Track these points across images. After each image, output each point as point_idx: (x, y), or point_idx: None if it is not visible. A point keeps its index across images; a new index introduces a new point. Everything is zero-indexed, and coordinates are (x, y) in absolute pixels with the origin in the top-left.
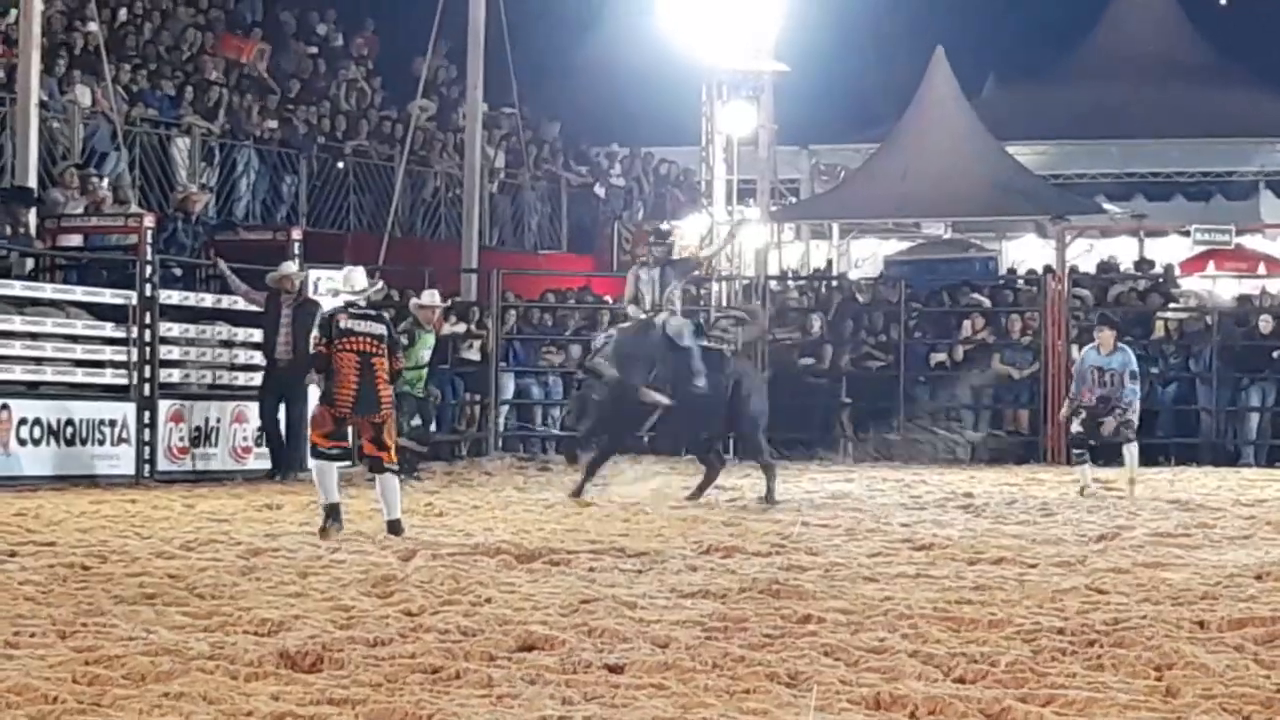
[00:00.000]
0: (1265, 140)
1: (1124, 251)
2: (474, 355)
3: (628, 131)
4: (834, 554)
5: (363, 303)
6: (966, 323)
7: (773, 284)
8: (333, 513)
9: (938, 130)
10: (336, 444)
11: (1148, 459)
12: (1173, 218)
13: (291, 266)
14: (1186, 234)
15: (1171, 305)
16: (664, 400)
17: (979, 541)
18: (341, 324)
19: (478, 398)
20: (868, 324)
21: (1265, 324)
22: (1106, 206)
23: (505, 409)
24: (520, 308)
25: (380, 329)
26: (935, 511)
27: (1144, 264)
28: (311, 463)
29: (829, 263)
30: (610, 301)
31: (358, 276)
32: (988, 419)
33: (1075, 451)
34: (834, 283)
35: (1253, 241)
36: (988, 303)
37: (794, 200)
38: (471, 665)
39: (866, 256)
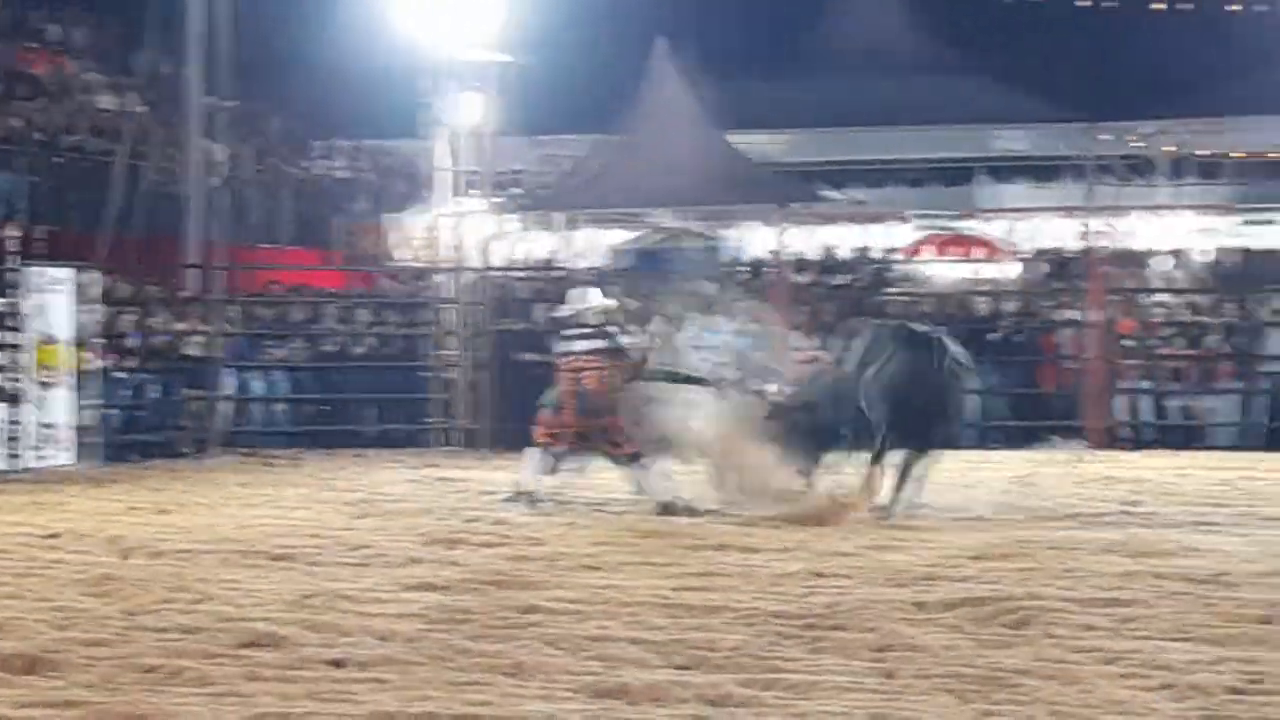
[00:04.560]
0: (981, 127)
1: (845, 238)
2: (196, 351)
3: (351, 124)
4: (557, 544)
5: (590, 320)
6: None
7: (496, 275)
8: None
9: (662, 121)
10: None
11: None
12: (892, 204)
13: None
14: (905, 220)
15: (889, 290)
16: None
17: (701, 528)
18: (559, 346)
19: (199, 394)
20: None
21: (983, 307)
22: (827, 194)
23: (227, 405)
24: (243, 302)
25: (599, 344)
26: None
27: (864, 250)
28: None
29: (550, 256)
30: (333, 294)
31: (592, 295)
32: None
33: None
34: (560, 274)
35: (970, 226)
36: (713, 290)
37: (519, 191)
38: (190, 663)
39: (592, 247)
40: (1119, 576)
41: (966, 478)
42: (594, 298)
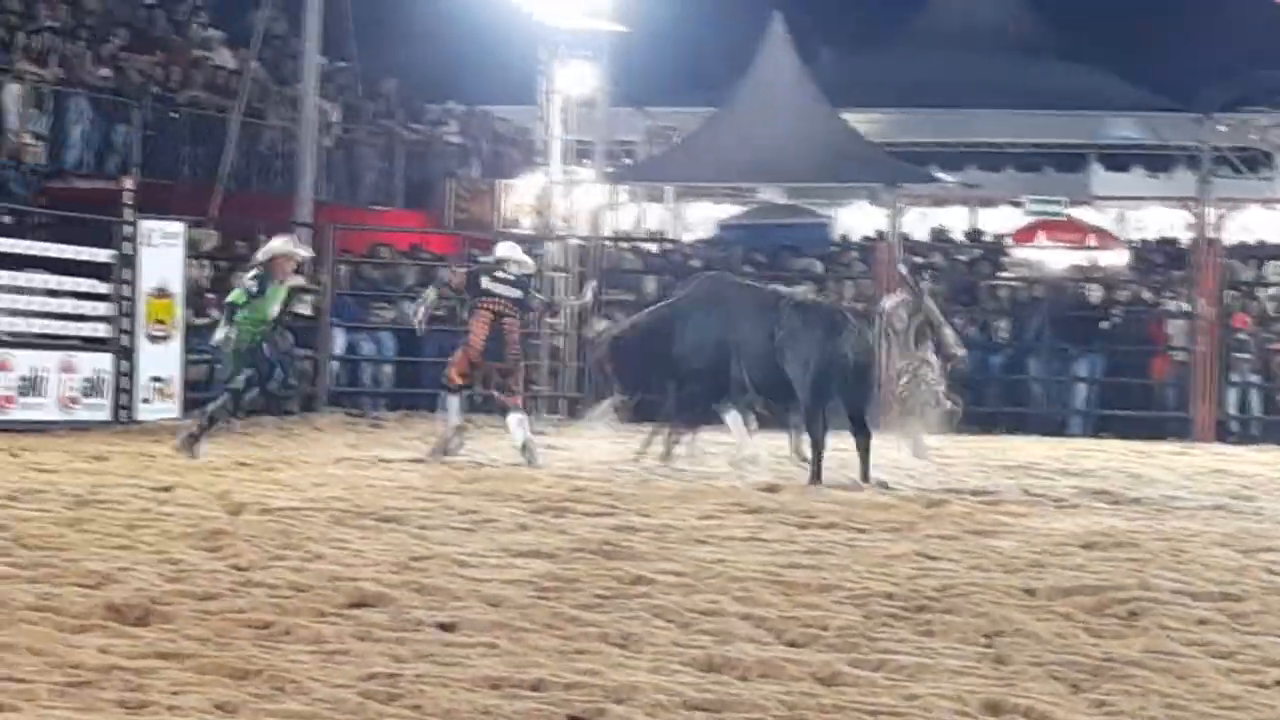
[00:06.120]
0: (1096, 114)
1: (956, 221)
2: (306, 310)
3: (465, 89)
4: (665, 516)
5: (512, 271)
6: (800, 289)
7: (607, 245)
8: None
9: (774, 96)
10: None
11: (981, 426)
12: (1004, 188)
13: None
14: (1018, 205)
15: (1001, 275)
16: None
17: (810, 505)
18: (483, 284)
19: (309, 353)
20: None
21: (1094, 295)
22: (939, 175)
23: (336, 365)
24: (353, 263)
25: (517, 293)
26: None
27: (975, 233)
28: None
29: (659, 231)
30: (446, 259)
31: (512, 251)
32: None
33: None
34: (669, 246)
35: (1083, 213)
36: (820, 268)
37: (630, 162)
38: (301, 621)
39: (701, 220)
40: (1231, 571)
41: (1074, 466)
42: (518, 253)
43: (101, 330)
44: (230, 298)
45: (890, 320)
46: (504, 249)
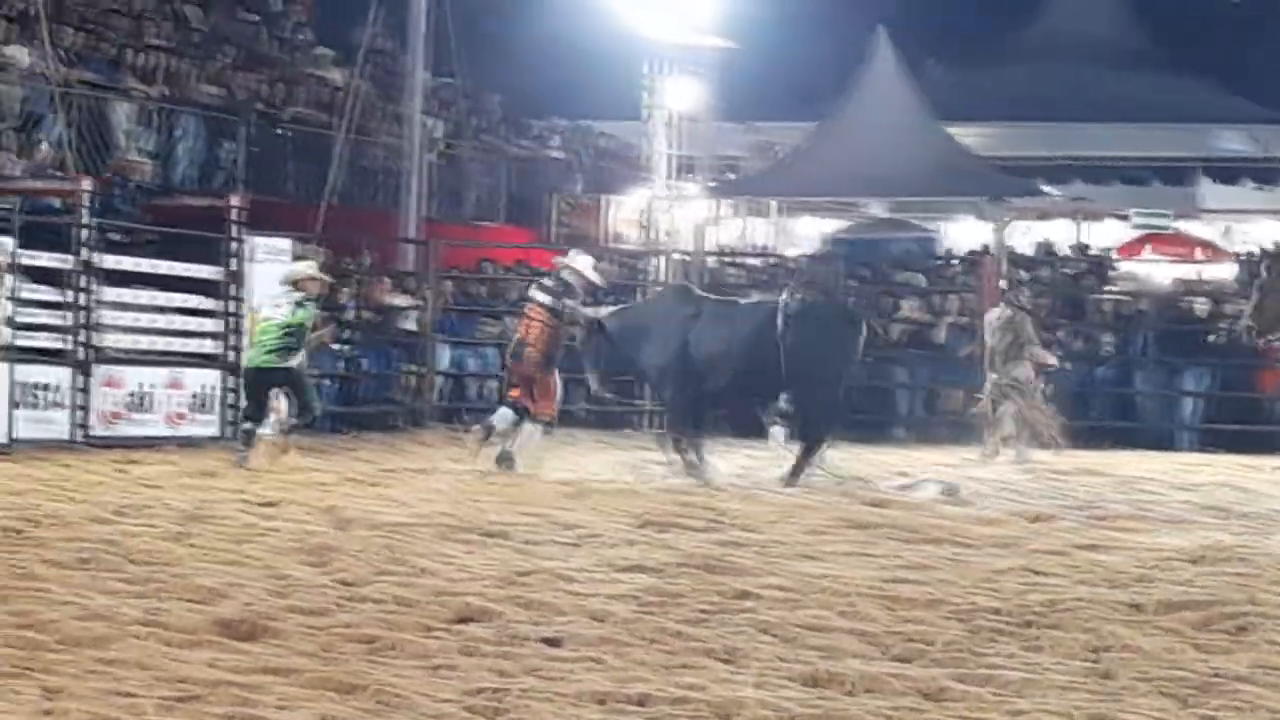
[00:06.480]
0: (1204, 126)
1: (1062, 234)
2: (411, 326)
3: (569, 104)
4: (771, 531)
5: (565, 278)
6: (905, 303)
7: (711, 260)
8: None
9: (879, 110)
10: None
11: (1088, 441)
12: (1111, 202)
13: None
14: (1125, 218)
15: (1108, 288)
16: None
17: (915, 521)
18: (530, 293)
19: (414, 369)
20: None
21: (1201, 308)
22: (1045, 189)
23: (441, 380)
24: (458, 279)
25: (546, 299)
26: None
27: (1082, 247)
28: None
29: (765, 242)
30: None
31: (573, 259)
32: (923, 399)
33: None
34: (772, 260)
35: (1191, 227)
36: (924, 281)
37: (734, 177)
38: (408, 636)
39: (806, 234)
40: None
41: (1181, 480)
42: (578, 261)
43: (209, 346)
44: (305, 322)
45: (985, 333)
46: (570, 256)
